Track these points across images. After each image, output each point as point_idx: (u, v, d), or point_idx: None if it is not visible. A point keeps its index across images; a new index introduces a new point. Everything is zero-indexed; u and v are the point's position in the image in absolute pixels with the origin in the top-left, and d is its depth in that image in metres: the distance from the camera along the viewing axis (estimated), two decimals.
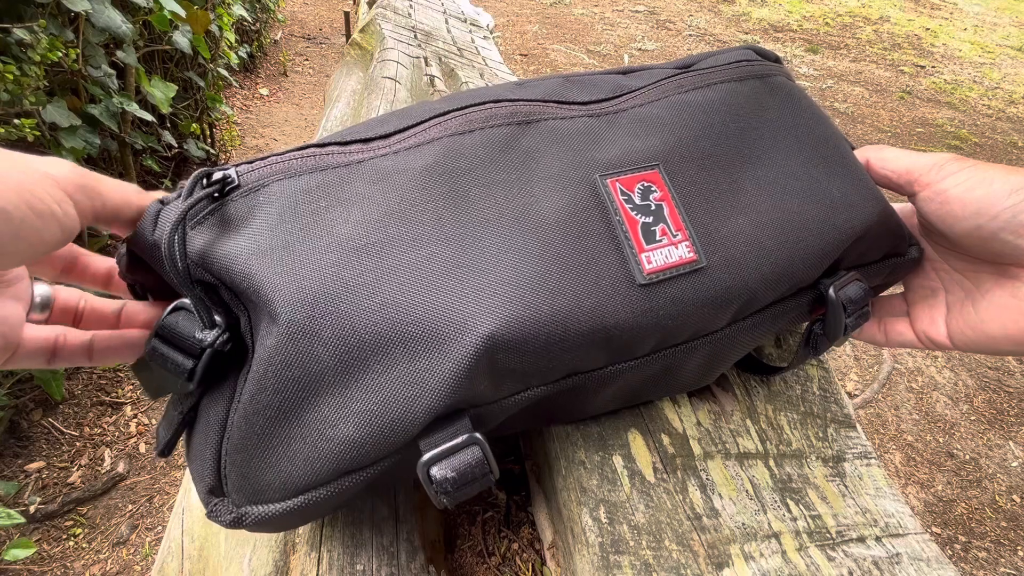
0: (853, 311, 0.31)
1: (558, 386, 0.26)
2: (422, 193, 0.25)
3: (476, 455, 0.22)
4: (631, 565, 0.28)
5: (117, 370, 1.31)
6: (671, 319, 0.26)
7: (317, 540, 0.31)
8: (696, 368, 0.31)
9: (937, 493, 1.25)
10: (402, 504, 0.33)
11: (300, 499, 0.22)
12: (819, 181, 0.31)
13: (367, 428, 0.22)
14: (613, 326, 0.25)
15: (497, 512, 0.38)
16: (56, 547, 1.02)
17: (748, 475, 0.34)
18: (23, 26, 0.97)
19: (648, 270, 0.26)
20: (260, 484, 0.22)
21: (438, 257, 0.23)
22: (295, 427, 0.22)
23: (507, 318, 0.23)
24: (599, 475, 0.31)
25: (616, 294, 0.25)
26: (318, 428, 0.22)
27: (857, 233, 0.30)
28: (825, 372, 0.43)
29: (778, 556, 0.30)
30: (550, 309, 0.24)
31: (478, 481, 0.23)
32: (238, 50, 2.37)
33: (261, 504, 0.22)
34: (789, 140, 0.31)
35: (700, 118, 0.30)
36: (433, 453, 0.22)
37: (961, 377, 1.50)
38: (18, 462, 1.11)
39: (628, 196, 0.27)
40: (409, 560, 0.31)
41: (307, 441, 0.22)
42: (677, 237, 0.27)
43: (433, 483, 0.22)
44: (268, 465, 0.22)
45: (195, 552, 0.33)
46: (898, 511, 0.36)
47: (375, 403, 0.22)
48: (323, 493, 0.22)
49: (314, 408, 0.22)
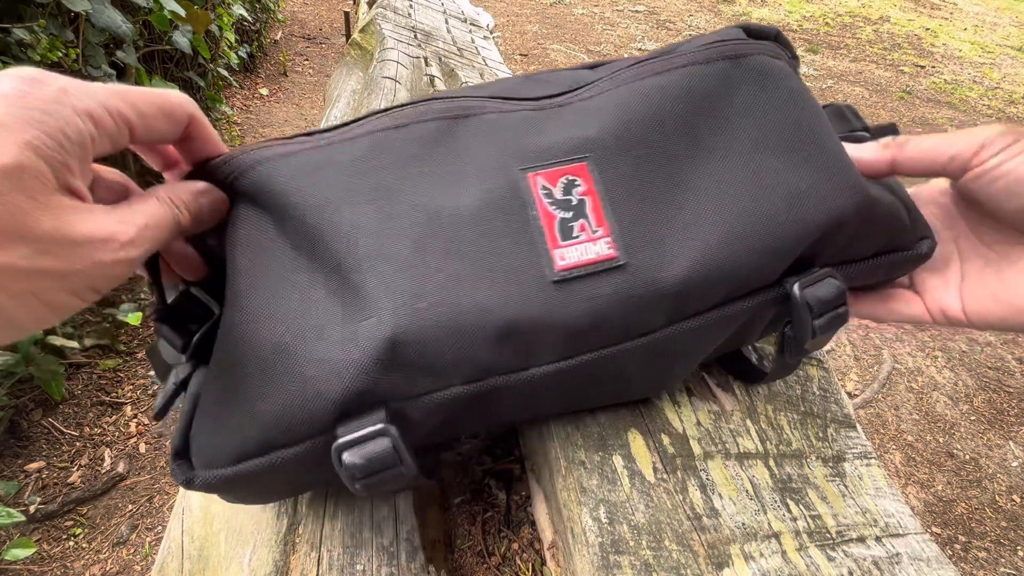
0: (822, 311, 0.28)
1: (480, 386, 0.26)
2: (347, 185, 0.26)
3: (385, 445, 0.23)
4: (631, 565, 0.28)
5: (117, 370, 1.31)
6: (587, 316, 0.25)
7: (317, 540, 0.31)
8: (639, 371, 0.30)
9: (937, 493, 1.25)
10: (402, 504, 0.33)
11: (238, 467, 0.24)
12: (779, 171, 0.28)
13: (286, 405, 0.23)
14: (521, 321, 0.25)
15: (497, 512, 0.38)
16: (56, 547, 1.02)
17: (748, 475, 0.34)
18: (23, 26, 0.97)
19: (560, 267, 0.25)
20: (212, 450, 0.25)
21: (355, 246, 0.25)
22: (236, 400, 0.24)
23: (408, 309, 0.24)
24: (599, 475, 0.31)
25: (526, 290, 0.25)
26: (250, 402, 0.24)
27: (824, 227, 0.28)
28: (825, 372, 0.43)
29: (778, 556, 0.30)
30: (453, 302, 0.24)
31: (389, 472, 0.24)
32: (238, 50, 2.37)
33: (208, 469, 0.25)
34: (752, 127, 0.29)
35: (646, 106, 0.28)
36: (346, 439, 0.23)
37: (961, 377, 1.50)
38: (18, 462, 1.11)
39: (549, 190, 0.26)
40: (409, 560, 0.31)
41: (245, 412, 0.24)
42: (597, 233, 0.26)
43: (343, 467, 0.23)
44: (219, 433, 0.25)
45: (195, 552, 0.33)
46: (898, 511, 0.36)
47: (293, 383, 0.23)
48: (256, 464, 0.24)
49: (247, 384, 0.24)
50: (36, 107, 0.18)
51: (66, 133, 0.19)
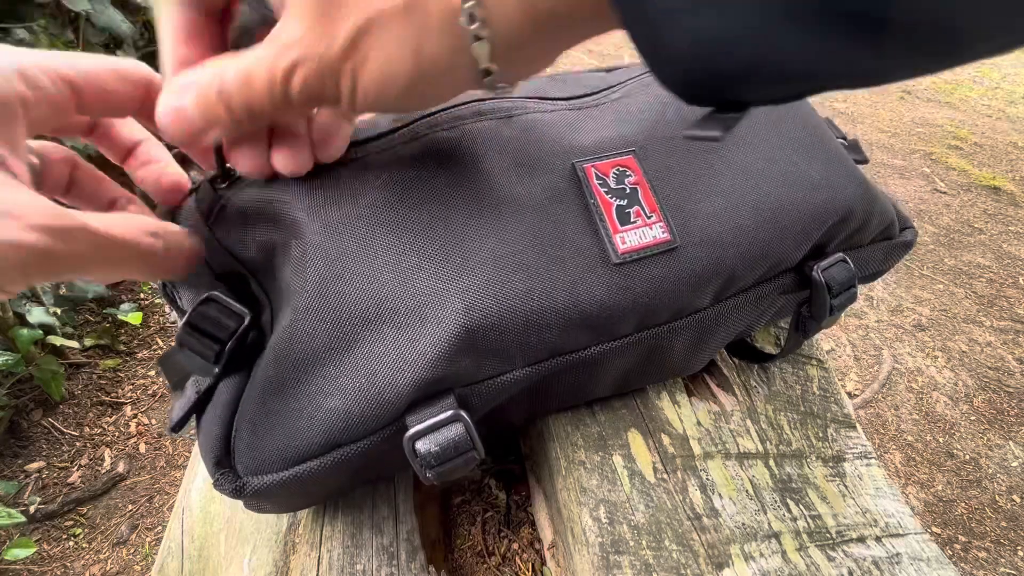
0: (838, 291, 0.32)
1: (542, 368, 0.27)
2: (410, 184, 0.26)
3: (459, 431, 0.23)
4: (631, 565, 0.28)
5: (117, 370, 1.31)
6: (647, 296, 0.27)
7: (317, 540, 0.31)
8: (684, 350, 0.31)
9: (937, 493, 1.25)
10: (402, 504, 0.33)
11: (294, 470, 0.23)
12: (797, 164, 0.32)
13: (355, 400, 0.23)
14: (588, 303, 0.26)
15: (497, 512, 0.38)
16: (56, 547, 1.02)
17: (748, 475, 0.34)
18: (23, 26, 0.97)
19: (622, 250, 0.27)
20: (262, 456, 0.24)
21: (424, 240, 0.25)
22: (294, 400, 0.23)
23: (484, 295, 0.24)
24: (599, 475, 0.31)
25: (591, 273, 0.26)
26: (313, 401, 0.23)
27: (840, 213, 0.32)
28: (825, 372, 0.43)
29: (778, 556, 0.30)
30: (525, 287, 0.25)
31: (462, 457, 0.24)
32: None
33: (260, 475, 0.24)
34: (767, 125, 0.33)
35: (675, 106, 0.31)
36: (418, 428, 0.23)
37: (961, 377, 1.50)
38: (18, 462, 1.11)
39: (603, 180, 0.28)
40: (409, 560, 0.31)
41: (303, 413, 0.23)
42: (651, 219, 0.28)
43: (418, 456, 0.23)
44: (270, 437, 0.24)
45: (195, 552, 0.33)
46: (898, 511, 0.36)
47: (362, 376, 0.23)
48: (316, 465, 0.23)
49: (311, 382, 0.23)
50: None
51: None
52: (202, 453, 0.25)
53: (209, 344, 0.24)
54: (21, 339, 1.05)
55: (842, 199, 0.32)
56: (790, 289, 0.33)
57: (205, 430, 0.25)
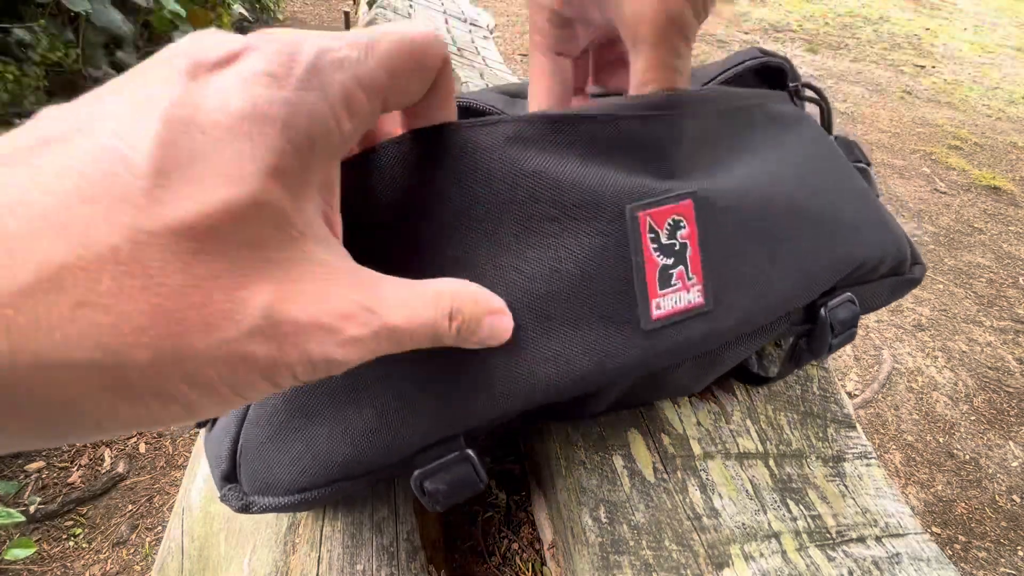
0: (840, 331, 0.31)
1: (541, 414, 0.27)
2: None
3: (467, 470, 0.24)
4: (631, 565, 0.28)
5: None
6: (669, 357, 0.25)
7: (317, 540, 0.31)
8: (686, 379, 0.31)
9: (937, 493, 1.25)
10: (402, 504, 0.33)
11: (298, 496, 0.25)
12: (839, 211, 0.31)
13: (362, 448, 0.23)
14: (612, 369, 0.24)
15: (497, 512, 0.38)
16: (56, 547, 1.02)
17: (748, 475, 0.34)
18: (23, 26, 0.97)
19: (656, 316, 0.24)
20: (267, 479, 0.25)
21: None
22: (301, 435, 0.24)
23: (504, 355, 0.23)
24: (599, 475, 0.31)
25: (617, 340, 0.24)
26: (320, 441, 0.24)
27: (863, 260, 0.31)
28: (825, 372, 0.43)
29: (778, 556, 0.30)
30: (542, 347, 0.23)
31: (468, 489, 0.24)
32: None
33: (266, 496, 0.25)
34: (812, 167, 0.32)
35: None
36: (425, 469, 0.23)
37: (961, 377, 1.50)
38: (18, 462, 1.11)
39: (656, 234, 0.24)
40: (409, 560, 0.31)
41: (310, 450, 0.24)
42: (691, 281, 0.25)
43: (426, 495, 0.24)
44: (275, 464, 0.24)
45: (195, 552, 0.33)
46: (898, 511, 0.36)
47: (372, 425, 0.23)
48: (318, 494, 0.25)
49: (320, 422, 0.24)
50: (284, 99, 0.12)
51: (313, 137, 0.12)
52: (210, 464, 0.26)
53: None
54: None
55: (871, 250, 0.32)
56: (796, 323, 0.32)
57: (215, 440, 0.26)
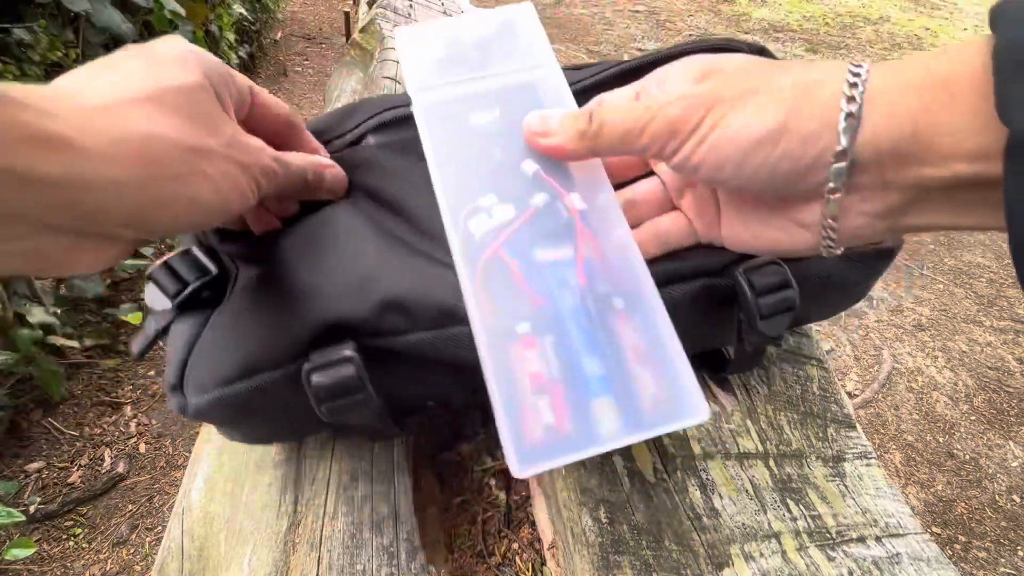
0: (765, 291, 0.29)
1: (443, 333, 0.27)
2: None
3: (350, 371, 0.26)
4: (631, 565, 0.28)
5: (117, 370, 1.31)
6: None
7: (317, 540, 0.31)
8: None
9: (937, 493, 1.25)
10: (402, 504, 0.33)
11: (222, 391, 0.27)
12: None
13: (265, 344, 0.27)
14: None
15: (497, 512, 0.38)
16: (56, 547, 1.02)
17: (748, 475, 0.34)
18: (23, 26, 0.97)
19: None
20: (200, 379, 0.28)
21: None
22: (222, 344, 0.28)
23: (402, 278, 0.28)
24: (599, 475, 0.31)
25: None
26: (231, 345, 0.27)
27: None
28: (825, 372, 0.43)
29: (778, 556, 0.30)
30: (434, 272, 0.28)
31: (352, 396, 0.26)
32: (238, 50, 2.37)
33: (198, 395, 0.28)
34: None
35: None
36: (316, 363, 0.26)
37: (961, 377, 1.50)
38: (18, 462, 1.11)
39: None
40: (409, 560, 0.31)
41: (229, 343, 0.28)
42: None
43: (311, 387, 0.26)
44: (207, 363, 0.28)
45: (195, 552, 0.33)
46: (898, 511, 0.36)
47: (268, 325, 0.28)
48: (238, 388, 0.27)
49: (232, 335, 0.28)
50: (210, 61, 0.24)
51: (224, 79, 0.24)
52: (163, 382, 0.29)
53: (173, 283, 0.29)
54: (21, 339, 1.05)
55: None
56: (715, 294, 0.30)
57: (168, 359, 0.29)
